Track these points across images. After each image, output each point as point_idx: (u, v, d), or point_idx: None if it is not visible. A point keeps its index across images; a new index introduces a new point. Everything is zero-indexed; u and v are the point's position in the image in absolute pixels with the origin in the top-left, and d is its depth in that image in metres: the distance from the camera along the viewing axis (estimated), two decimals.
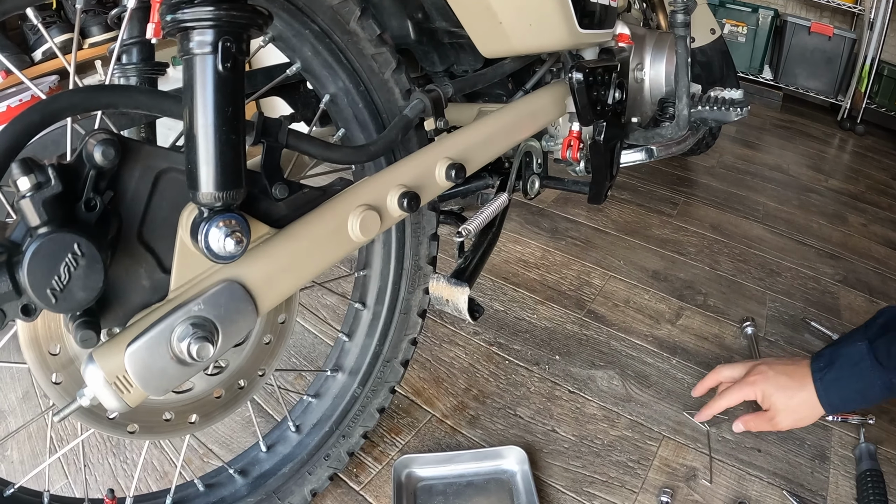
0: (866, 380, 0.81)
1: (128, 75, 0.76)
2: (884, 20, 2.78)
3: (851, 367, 0.83)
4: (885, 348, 0.80)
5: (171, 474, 1.02)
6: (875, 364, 0.80)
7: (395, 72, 0.77)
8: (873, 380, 0.81)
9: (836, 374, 0.84)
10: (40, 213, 0.43)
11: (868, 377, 0.81)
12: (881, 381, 0.80)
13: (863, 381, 0.82)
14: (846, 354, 0.84)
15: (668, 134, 1.11)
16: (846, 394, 0.84)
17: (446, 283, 0.85)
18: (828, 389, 0.85)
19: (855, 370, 0.82)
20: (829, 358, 0.86)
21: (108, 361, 0.51)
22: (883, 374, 0.80)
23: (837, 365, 0.85)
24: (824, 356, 0.87)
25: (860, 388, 0.83)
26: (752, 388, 0.92)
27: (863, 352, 0.82)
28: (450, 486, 0.99)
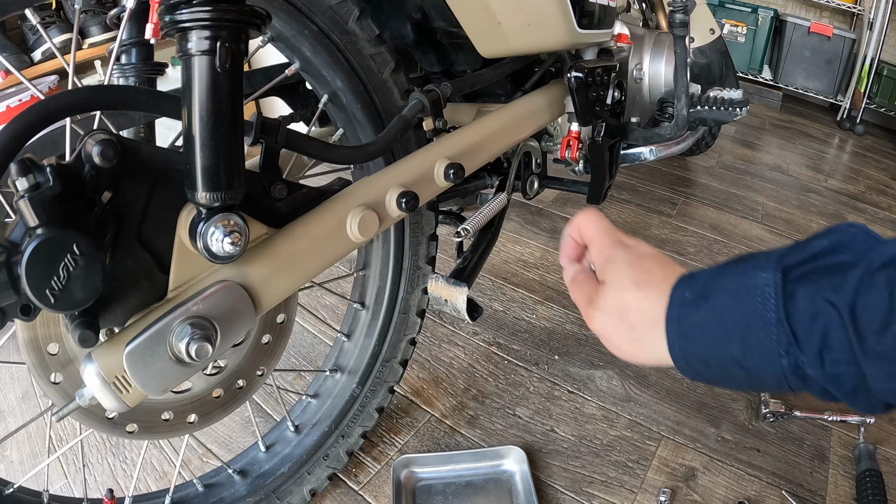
0: (751, 347, 0.41)
1: (127, 75, 0.76)
2: (883, 20, 2.78)
3: (730, 315, 0.42)
4: (808, 302, 0.39)
5: (170, 474, 1.02)
6: (781, 325, 0.40)
7: (393, 72, 0.77)
8: (763, 353, 0.41)
9: (702, 318, 0.44)
10: (39, 214, 0.43)
11: (755, 342, 0.41)
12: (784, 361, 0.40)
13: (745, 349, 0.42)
14: (732, 291, 0.43)
15: (667, 134, 1.11)
16: (712, 358, 0.44)
17: (445, 283, 0.85)
18: (686, 337, 0.45)
19: (737, 325, 0.42)
20: (702, 288, 0.45)
21: (107, 361, 0.51)
22: (786, 348, 0.40)
23: (714, 302, 0.44)
24: (699, 280, 0.46)
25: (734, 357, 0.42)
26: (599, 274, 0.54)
27: (763, 293, 0.41)
28: (449, 486, 0.99)
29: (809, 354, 0.39)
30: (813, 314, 0.39)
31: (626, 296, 0.49)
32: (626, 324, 0.49)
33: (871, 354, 0.36)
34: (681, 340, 0.45)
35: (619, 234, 0.55)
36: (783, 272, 0.41)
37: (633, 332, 0.49)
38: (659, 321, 0.47)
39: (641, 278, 0.49)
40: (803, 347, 0.39)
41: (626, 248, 0.53)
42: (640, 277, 0.49)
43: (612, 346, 0.51)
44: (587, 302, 0.53)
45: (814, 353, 0.39)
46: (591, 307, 0.52)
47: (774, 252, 0.43)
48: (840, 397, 0.40)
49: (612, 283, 0.51)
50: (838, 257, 0.41)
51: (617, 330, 0.50)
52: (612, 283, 0.51)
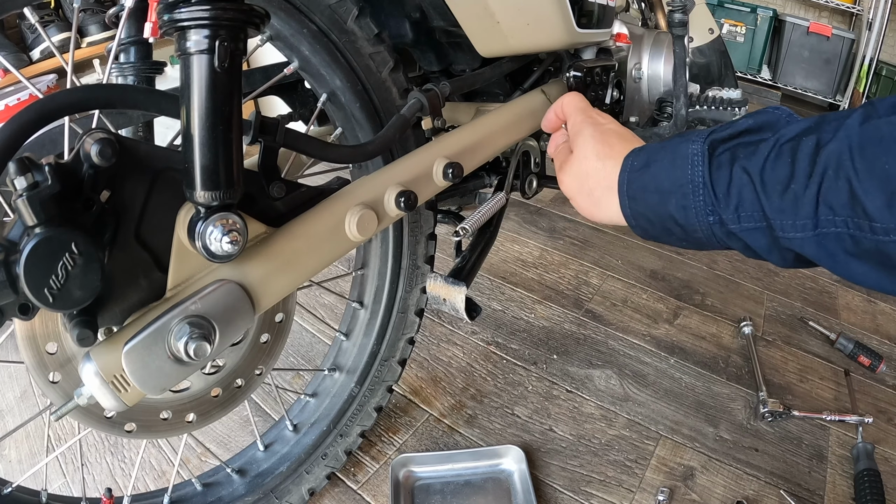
0: (682, 204, 0.50)
1: (125, 74, 0.76)
2: (882, 20, 2.78)
3: (668, 180, 0.51)
4: (728, 168, 0.47)
5: (168, 473, 1.02)
6: (707, 186, 0.48)
7: (392, 71, 0.77)
8: (694, 211, 0.49)
9: (646, 181, 0.53)
10: (37, 212, 0.43)
11: (687, 202, 0.50)
12: (711, 218, 0.49)
13: (677, 206, 0.50)
14: (671, 157, 0.51)
15: (665, 133, 1.11)
16: (653, 216, 0.53)
17: (444, 283, 0.85)
18: (634, 197, 0.54)
19: (673, 188, 0.50)
20: (647, 157, 0.54)
21: (106, 360, 0.51)
22: (710, 207, 0.48)
23: (655, 169, 0.53)
24: (648, 151, 0.55)
25: (671, 214, 0.51)
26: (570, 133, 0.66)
27: (693, 161, 0.50)
28: (447, 485, 0.99)
29: (728, 212, 0.47)
30: (730, 179, 0.47)
31: (587, 164, 0.59)
32: (586, 188, 0.59)
33: (776, 209, 0.44)
34: (630, 200, 0.55)
35: (592, 112, 0.65)
36: (710, 144, 0.50)
37: (591, 195, 0.59)
38: (612, 187, 0.56)
39: (602, 151, 0.59)
40: (723, 206, 0.47)
41: (596, 124, 0.62)
42: (600, 150, 0.59)
43: (576, 206, 0.62)
44: (559, 167, 0.64)
45: (732, 211, 0.47)
46: (561, 172, 0.63)
47: (706, 129, 0.52)
48: (760, 252, 0.48)
49: (577, 154, 0.61)
50: (760, 135, 0.49)
51: (579, 192, 0.60)
52: (577, 153, 0.61)
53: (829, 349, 1.34)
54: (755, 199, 0.46)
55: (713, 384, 1.22)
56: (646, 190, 0.53)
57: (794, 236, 0.44)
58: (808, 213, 0.43)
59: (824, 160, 0.42)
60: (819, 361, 1.30)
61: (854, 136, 0.41)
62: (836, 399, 1.20)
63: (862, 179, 0.39)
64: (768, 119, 0.50)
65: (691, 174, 0.49)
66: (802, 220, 0.43)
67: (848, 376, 1.24)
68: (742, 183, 0.46)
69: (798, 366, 1.28)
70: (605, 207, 0.58)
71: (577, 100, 0.69)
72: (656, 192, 0.52)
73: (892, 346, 1.37)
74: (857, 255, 0.42)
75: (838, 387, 1.23)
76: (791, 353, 1.32)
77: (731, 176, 0.47)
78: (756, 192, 0.46)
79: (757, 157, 0.46)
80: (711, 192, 0.48)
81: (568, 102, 0.69)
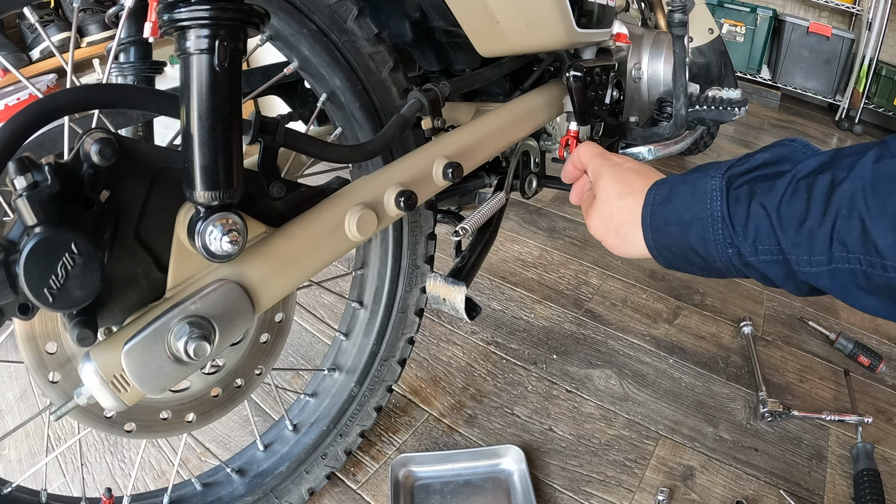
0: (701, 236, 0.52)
1: (125, 74, 0.76)
2: (882, 20, 2.78)
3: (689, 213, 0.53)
4: (746, 203, 0.49)
5: (168, 473, 1.02)
6: (726, 220, 0.50)
7: (392, 71, 0.77)
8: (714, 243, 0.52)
9: (668, 215, 0.56)
10: (37, 212, 0.43)
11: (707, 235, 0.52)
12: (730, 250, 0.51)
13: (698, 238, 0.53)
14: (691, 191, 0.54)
15: (665, 133, 1.11)
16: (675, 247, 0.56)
17: (443, 282, 0.85)
18: (658, 230, 0.57)
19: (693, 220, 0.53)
20: (668, 191, 0.57)
21: (105, 360, 0.51)
22: (729, 240, 0.51)
23: (676, 203, 0.55)
24: (668, 185, 0.57)
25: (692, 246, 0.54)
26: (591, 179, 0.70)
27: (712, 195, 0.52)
28: (447, 485, 0.99)
29: (746, 245, 0.49)
30: (748, 213, 0.49)
31: (611, 205, 0.62)
32: (612, 227, 0.62)
33: (792, 244, 0.46)
34: (653, 233, 0.57)
35: (609, 155, 0.69)
36: (728, 179, 0.52)
37: (618, 233, 0.62)
38: (636, 223, 0.59)
39: (623, 190, 0.62)
40: (741, 239, 0.50)
41: (614, 165, 0.66)
42: (621, 189, 0.62)
43: (607, 245, 0.64)
44: (586, 213, 0.67)
45: (750, 244, 0.49)
46: (588, 217, 0.66)
47: (725, 162, 0.54)
48: (776, 282, 0.50)
49: (600, 197, 0.64)
50: (777, 167, 0.50)
51: (607, 232, 0.63)
52: (600, 196, 0.64)
53: (828, 349, 1.34)
54: (772, 234, 0.48)
55: (713, 384, 1.22)
56: (668, 223, 0.56)
57: (808, 270, 0.46)
58: (823, 249, 0.44)
59: (838, 199, 0.43)
60: (819, 361, 1.30)
61: (867, 175, 0.42)
62: (836, 399, 1.20)
63: (874, 218, 0.41)
64: (785, 152, 0.52)
65: (710, 208, 0.52)
66: (817, 256, 0.45)
67: (847, 376, 1.24)
68: (759, 217, 0.48)
69: (798, 366, 1.28)
70: (632, 242, 0.60)
71: (592, 147, 0.72)
72: (678, 224, 0.55)
73: (892, 345, 1.37)
74: (868, 290, 0.43)
75: (838, 387, 1.23)
76: (791, 353, 1.32)
77: (748, 210, 0.49)
78: (773, 226, 0.47)
79: (774, 193, 0.48)
80: (730, 226, 0.50)
81: (584, 152, 0.72)
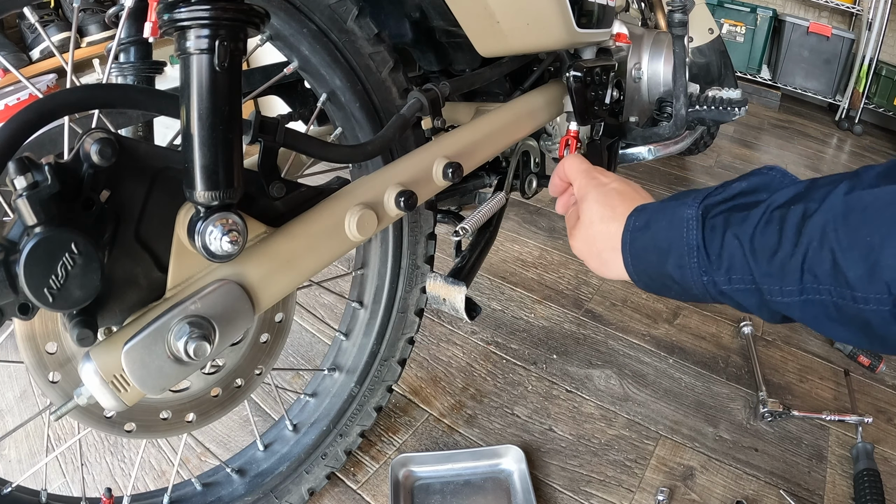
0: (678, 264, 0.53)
1: (125, 74, 0.76)
2: (882, 20, 2.78)
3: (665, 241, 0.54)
4: (721, 233, 0.50)
5: (168, 473, 1.02)
6: (700, 249, 0.51)
7: (392, 71, 0.77)
8: (689, 271, 0.52)
9: (646, 242, 0.57)
10: (37, 212, 0.43)
11: (683, 263, 0.53)
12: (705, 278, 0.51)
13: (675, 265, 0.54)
14: (669, 220, 0.55)
15: (665, 133, 1.11)
16: (653, 274, 0.57)
17: (444, 282, 0.85)
18: (636, 256, 0.58)
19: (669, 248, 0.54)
20: (647, 218, 0.58)
21: (105, 360, 0.51)
22: (704, 268, 0.51)
23: (654, 230, 0.56)
24: (647, 212, 0.58)
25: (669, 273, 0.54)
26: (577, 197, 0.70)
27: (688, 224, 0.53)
28: (447, 485, 0.99)
29: (720, 274, 0.50)
30: (722, 243, 0.50)
31: (594, 229, 0.63)
32: (595, 251, 0.63)
33: (764, 274, 0.47)
34: (632, 258, 0.58)
35: (594, 172, 0.68)
36: (705, 208, 0.53)
37: (600, 257, 0.62)
38: (617, 248, 0.60)
39: (606, 214, 0.62)
40: (715, 269, 0.50)
41: (599, 185, 0.66)
42: (604, 213, 0.62)
43: (589, 266, 0.66)
44: (570, 232, 0.68)
45: (724, 273, 0.50)
46: (572, 238, 0.67)
47: (703, 191, 0.55)
48: (751, 310, 0.51)
49: (584, 220, 0.64)
50: (754, 196, 0.51)
51: (589, 255, 0.64)
52: (583, 218, 0.64)
53: (828, 349, 1.34)
54: (745, 264, 0.48)
55: (713, 384, 1.22)
56: (646, 249, 0.57)
57: (780, 300, 0.47)
58: (794, 280, 0.45)
59: (810, 230, 0.44)
60: (819, 361, 1.30)
61: (838, 206, 0.42)
62: (836, 399, 1.20)
63: (844, 250, 0.41)
64: (762, 181, 0.53)
65: (686, 237, 0.52)
66: (788, 287, 0.46)
67: (847, 376, 1.24)
68: (733, 248, 0.49)
69: (798, 366, 1.28)
70: (613, 266, 0.61)
71: (578, 162, 0.71)
72: (655, 251, 0.56)
73: None
74: (839, 321, 0.44)
75: (838, 387, 1.23)
76: (791, 353, 1.32)
77: (723, 240, 0.50)
78: (746, 257, 0.48)
79: (748, 224, 0.48)
80: (705, 255, 0.51)
81: (570, 167, 0.71)
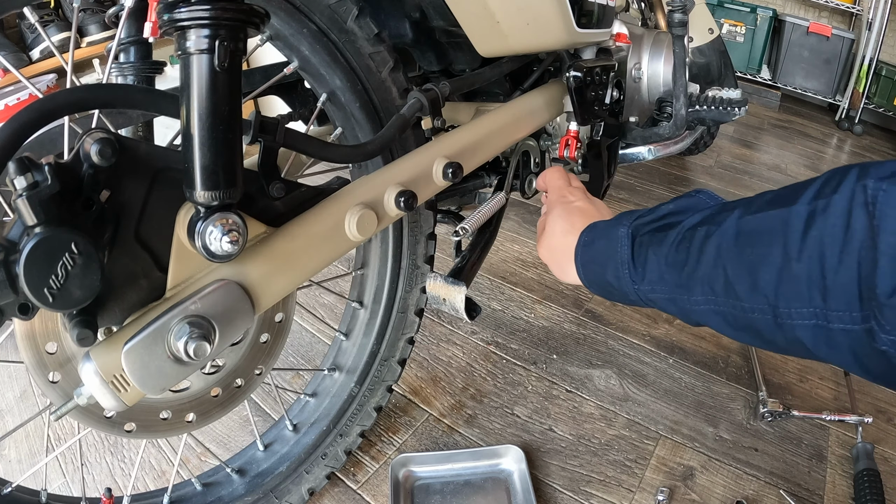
0: (615, 275, 0.62)
1: (125, 74, 0.76)
2: (882, 20, 2.78)
3: (605, 255, 0.64)
4: (646, 249, 0.59)
5: (168, 473, 1.02)
6: (629, 263, 0.60)
7: (392, 71, 0.77)
8: (623, 280, 0.61)
9: (592, 255, 0.66)
10: (37, 212, 0.43)
11: (618, 273, 0.62)
12: (636, 287, 0.60)
13: (612, 276, 0.63)
14: (607, 237, 0.64)
15: (665, 133, 1.11)
16: (598, 281, 0.66)
17: (443, 282, 0.85)
18: (585, 266, 0.67)
19: (608, 261, 0.63)
20: (594, 235, 0.67)
21: (105, 360, 0.51)
22: (634, 279, 0.60)
23: (597, 245, 0.66)
24: (594, 230, 0.68)
25: (609, 281, 0.64)
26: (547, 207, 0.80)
27: (621, 241, 0.62)
28: (447, 485, 0.99)
29: (646, 284, 0.59)
30: (646, 259, 0.59)
31: (555, 240, 0.72)
32: (555, 259, 0.73)
33: (676, 286, 0.55)
34: (582, 268, 0.68)
35: (566, 190, 0.79)
36: (635, 228, 0.61)
37: (559, 265, 0.72)
38: (572, 258, 0.69)
39: (566, 228, 0.72)
40: (641, 280, 0.59)
41: (565, 203, 0.76)
42: (565, 227, 0.72)
43: (551, 270, 0.75)
44: (538, 240, 0.77)
45: (648, 284, 0.59)
46: (539, 245, 0.77)
47: (637, 212, 0.64)
48: (674, 315, 0.59)
49: (548, 230, 0.74)
50: (679, 217, 0.59)
51: (551, 262, 0.74)
52: (548, 229, 0.74)
53: None
54: (662, 277, 0.57)
55: (713, 384, 1.22)
56: (592, 262, 0.66)
57: (691, 308, 0.54)
58: (699, 292, 0.52)
59: (709, 250, 0.51)
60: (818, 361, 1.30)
61: (731, 229, 0.49)
62: (836, 399, 1.20)
63: (733, 267, 0.48)
64: (689, 203, 0.61)
65: (619, 252, 0.61)
66: (695, 297, 0.53)
67: (847, 376, 1.24)
68: (653, 263, 0.58)
69: (798, 365, 1.28)
70: (569, 273, 0.71)
71: (557, 177, 0.82)
72: (598, 263, 0.65)
73: None
74: (736, 327, 0.50)
75: (838, 387, 1.23)
76: None
77: (646, 256, 0.59)
78: (662, 271, 0.57)
79: (665, 243, 0.57)
80: (632, 268, 0.60)
81: (550, 178, 0.82)
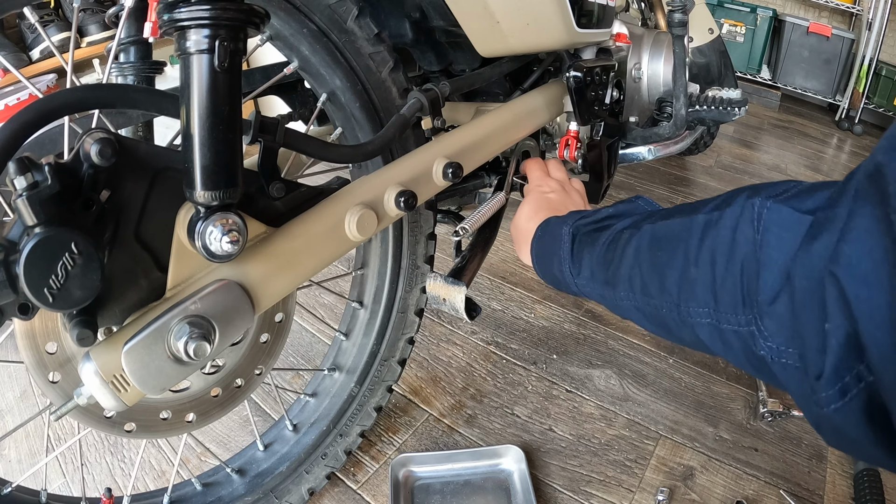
0: (559, 269, 0.68)
1: (125, 74, 0.76)
2: (882, 20, 2.78)
3: (551, 249, 0.70)
4: (582, 248, 0.65)
5: (168, 473, 1.02)
6: (569, 259, 0.66)
7: (392, 71, 0.77)
8: (565, 274, 0.67)
9: (542, 247, 0.72)
10: (37, 212, 0.43)
11: (561, 268, 0.67)
12: (572, 280, 0.66)
13: (557, 269, 0.68)
14: (553, 234, 0.71)
15: (665, 133, 1.11)
16: (546, 272, 0.72)
17: (443, 282, 0.84)
18: (537, 258, 0.74)
19: (553, 255, 0.69)
20: (546, 230, 0.73)
21: (105, 360, 0.51)
22: (573, 273, 0.66)
23: (546, 239, 0.72)
24: (547, 225, 0.74)
25: (555, 273, 0.69)
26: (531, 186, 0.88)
27: (564, 239, 0.68)
28: (447, 485, 0.99)
29: (583, 279, 0.64)
30: (582, 257, 0.64)
31: (521, 223, 0.79)
32: (518, 240, 0.79)
33: (605, 283, 0.60)
34: (535, 257, 0.74)
35: (543, 180, 0.87)
36: (576, 228, 0.67)
37: (520, 245, 0.79)
38: (528, 245, 0.75)
39: (531, 215, 0.78)
40: (578, 274, 0.65)
41: (538, 192, 0.84)
42: (531, 215, 0.78)
43: (514, 247, 0.82)
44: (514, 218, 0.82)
45: (584, 279, 0.64)
46: (513, 221, 0.82)
47: (581, 212, 0.70)
48: (609, 310, 0.64)
49: (519, 213, 0.81)
50: (615, 220, 0.64)
51: (515, 241, 0.81)
52: (519, 212, 0.81)
53: None
54: (593, 274, 0.62)
55: (713, 384, 1.22)
56: (541, 254, 0.72)
57: (618, 304, 0.59)
58: (622, 289, 0.57)
59: (629, 252, 0.56)
60: None
61: (647, 234, 0.54)
62: None
63: (646, 268, 0.53)
64: (627, 208, 0.67)
65: (561, 249, 0.67)
66: (619, 294, 0.58)
67: None
68: (586, 261, 0.63)
69: None
70: (525, 256, 0.77)
71: (535, 166, 0.91)
72: (545, 256, 0.71)
73: None
74: (652, 322, 0.55)
75: None
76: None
77: (582, 254, 0.64)
78: (594, 269, 0.62)
79: (598, 243, 0.62)
80: (572, 264, 0.66)
81: (528, 168, 0.91)
